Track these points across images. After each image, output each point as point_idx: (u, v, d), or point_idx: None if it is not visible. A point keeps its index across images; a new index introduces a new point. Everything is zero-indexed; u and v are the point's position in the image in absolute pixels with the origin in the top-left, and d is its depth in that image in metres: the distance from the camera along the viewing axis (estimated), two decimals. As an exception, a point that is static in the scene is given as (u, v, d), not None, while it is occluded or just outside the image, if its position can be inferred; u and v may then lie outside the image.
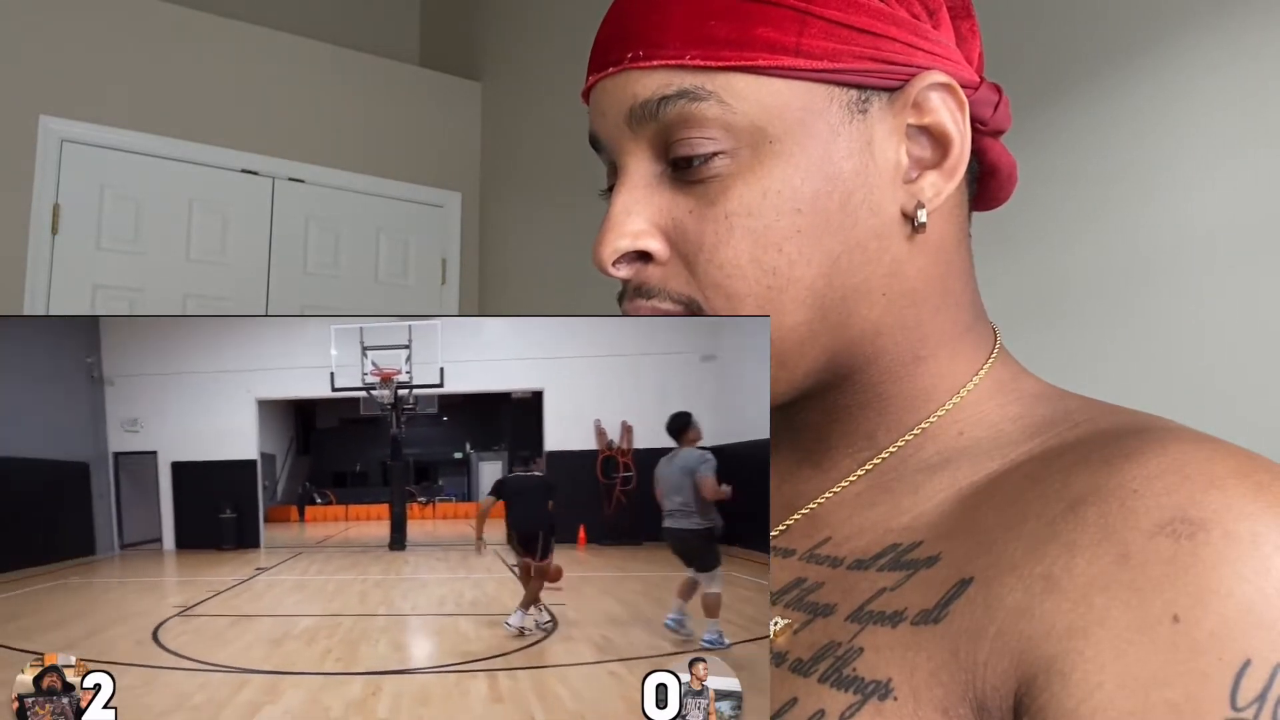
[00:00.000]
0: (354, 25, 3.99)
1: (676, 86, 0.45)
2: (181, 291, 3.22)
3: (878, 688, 0.40)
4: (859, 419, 0.51)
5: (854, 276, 0.46)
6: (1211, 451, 0.38)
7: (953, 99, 0.46)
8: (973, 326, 0.51)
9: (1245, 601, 0.33)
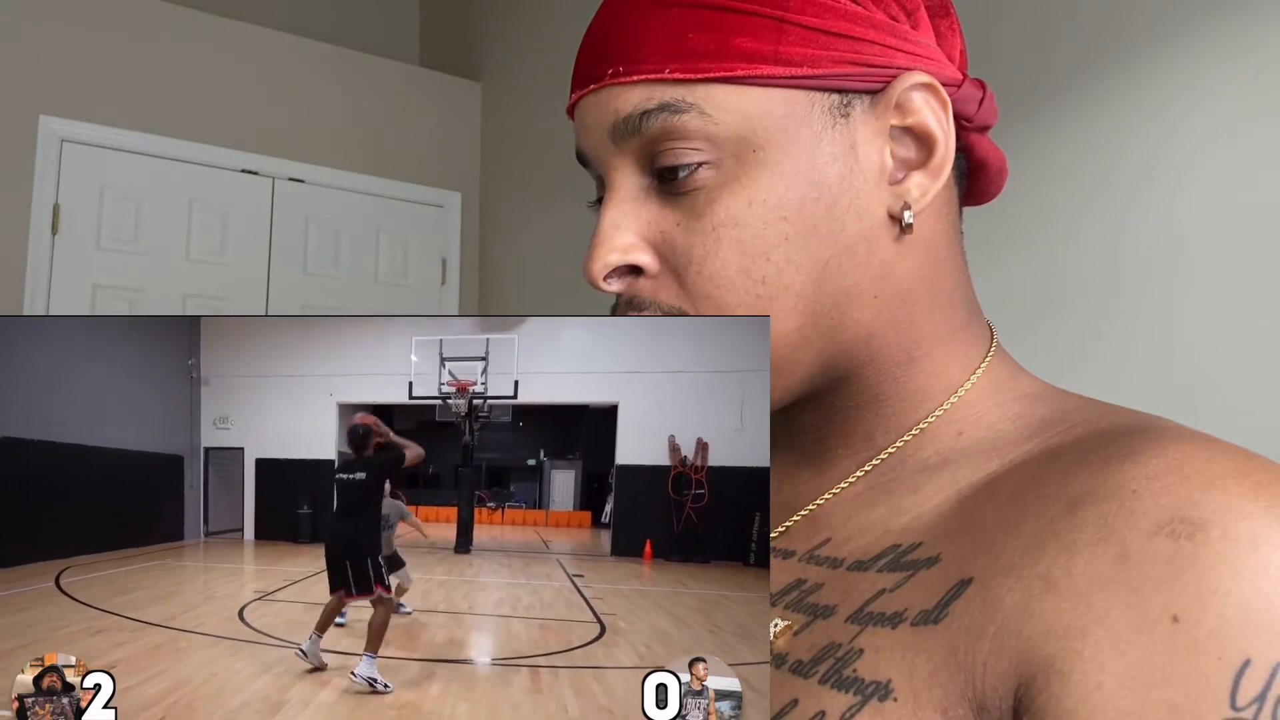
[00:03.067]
0: (354, 25, 3.99)
1: (658, 100, 0.45)
2: (181, 291, 3.22)
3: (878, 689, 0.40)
4: (857, 420, 0.51)
5: (844, 281, 0.46)
6: (1210, 452, 0.38)
7: (935, 98, 0.46)
8: (968, 325, 0.51)
9: (1244, 601, 0.33)
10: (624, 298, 0.49)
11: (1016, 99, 1.70)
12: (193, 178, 3.25)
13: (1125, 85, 1.60)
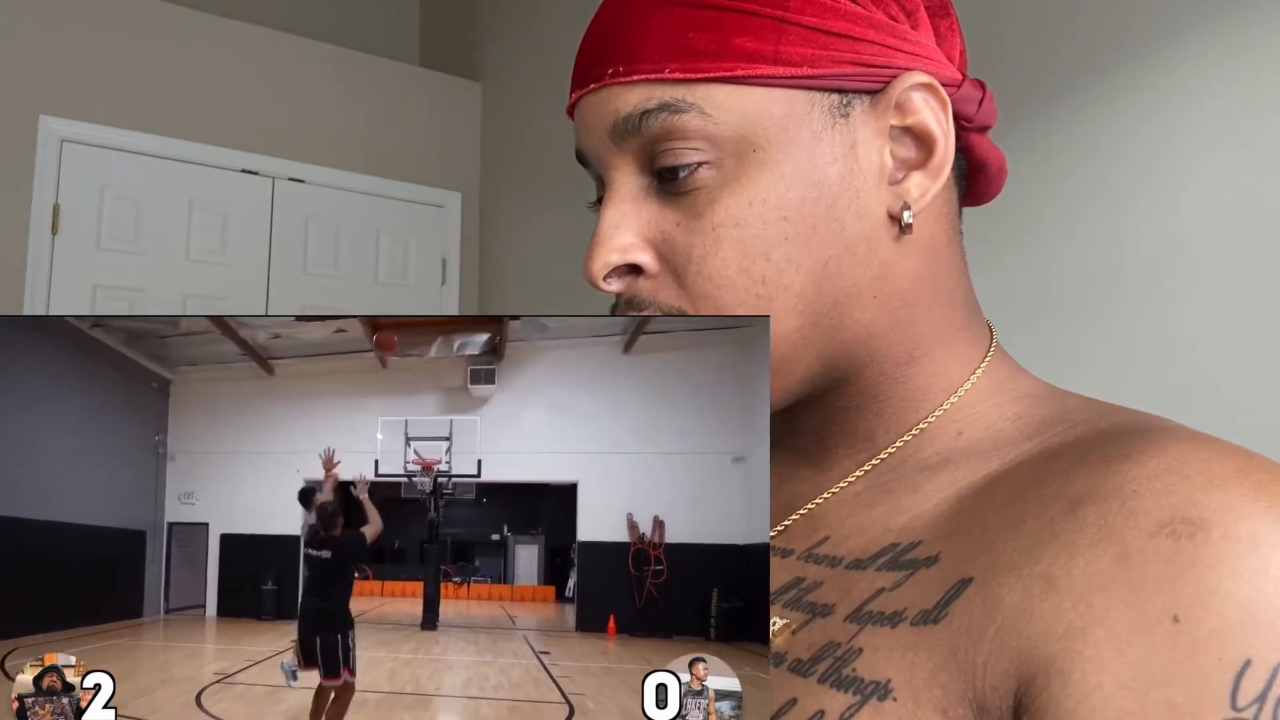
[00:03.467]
0: (354, 25, 3.99)
1: (658, 100, 0.45)
2: (181, 291, 3.22)
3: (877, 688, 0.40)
4: (857, 420, 0.51)
5: (844, 281, 0.46)
6: (1211, 451, 0.38)
7: (935, 98, 0.46)
8: (968, 325, 0.51)
9: (1245, 601, 0.33)
10: (624, 297, 0.49)
11: (1016, 99, 1.70)
12: (193, 178, 3.25)
13: (1125, 85, 1.60)
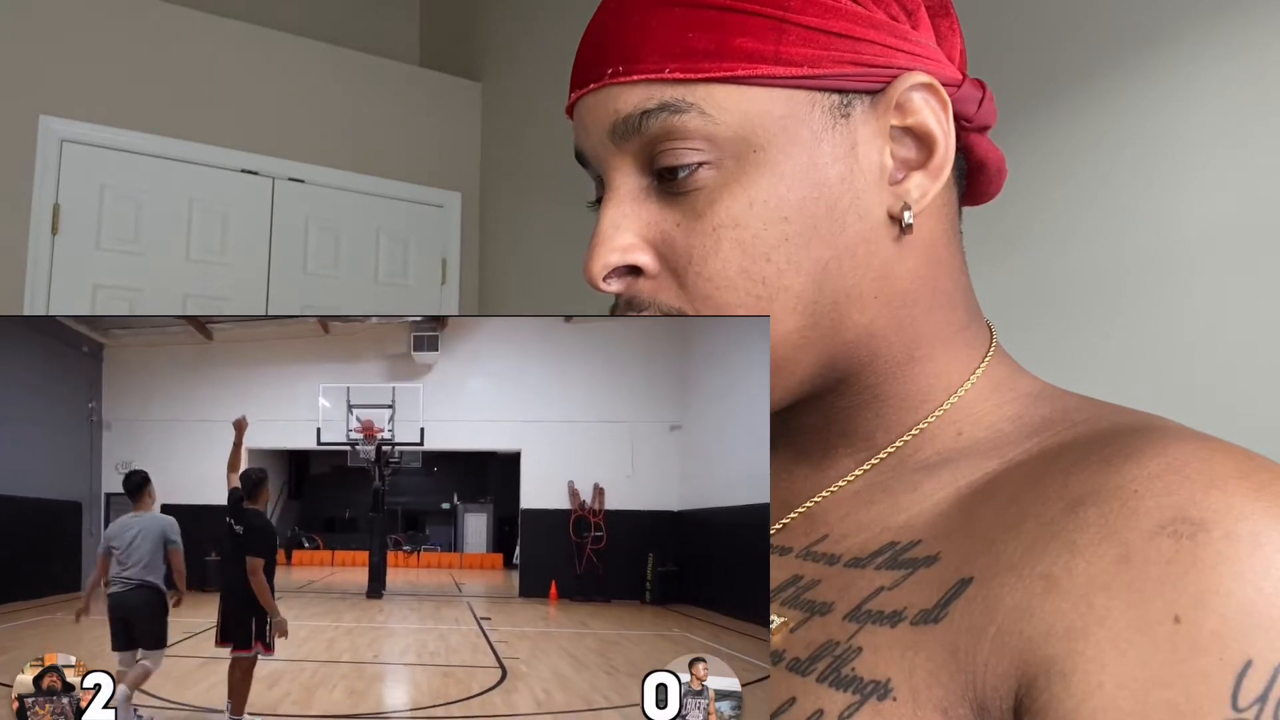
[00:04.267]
0: (354, 25, 3.99)
1: (658, 100, 0.45)
2: (182, 291, 3.22)
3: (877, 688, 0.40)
4: (857, 420, 0.51)
5: (844, 281, 0.46)
6: (1211, 452, 0.38)
7: (935, 99, 0.46)
8: (968, 325, 0.51)
9: (1246, 602, 0.33)
10: (624, 298, 0.49)
11: (1017, 99, 1.70)
12: (193, 178, 3.25)
13: (1125, 85, 1.60)
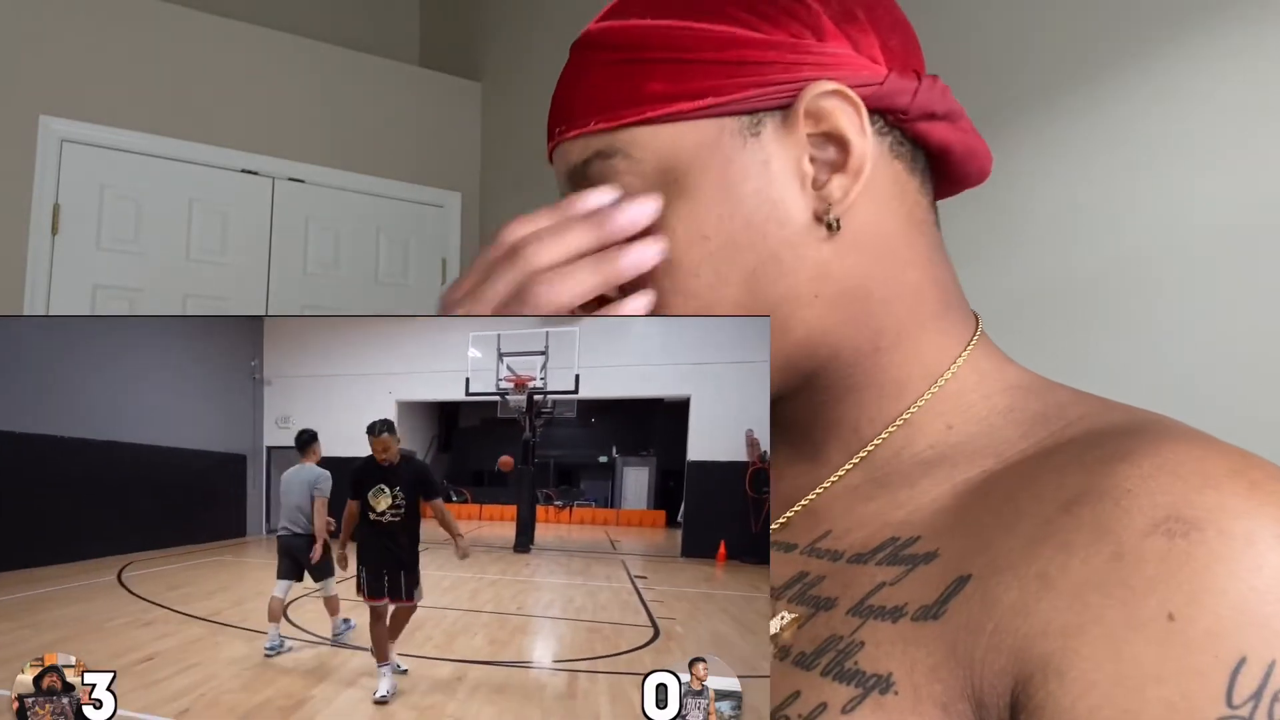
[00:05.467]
0: (354, 25, 3.99)
1: (593, 149, 0.51)
2: (182, 291, 3.22)
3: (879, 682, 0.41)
4: (838, 412, 0.52)
5: (776, 286, 0.49)
6: (1205, 450, 0.38)
7: (845, 102, 0.48)
8: (941, 315, 0.52)
9: (1239, 599, 0.34)
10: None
11: (1016, 99, 1.70)
12: (193, 178, 3.25)
13: (1124, 85, 1.60)
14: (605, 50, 0.51)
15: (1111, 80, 1.62)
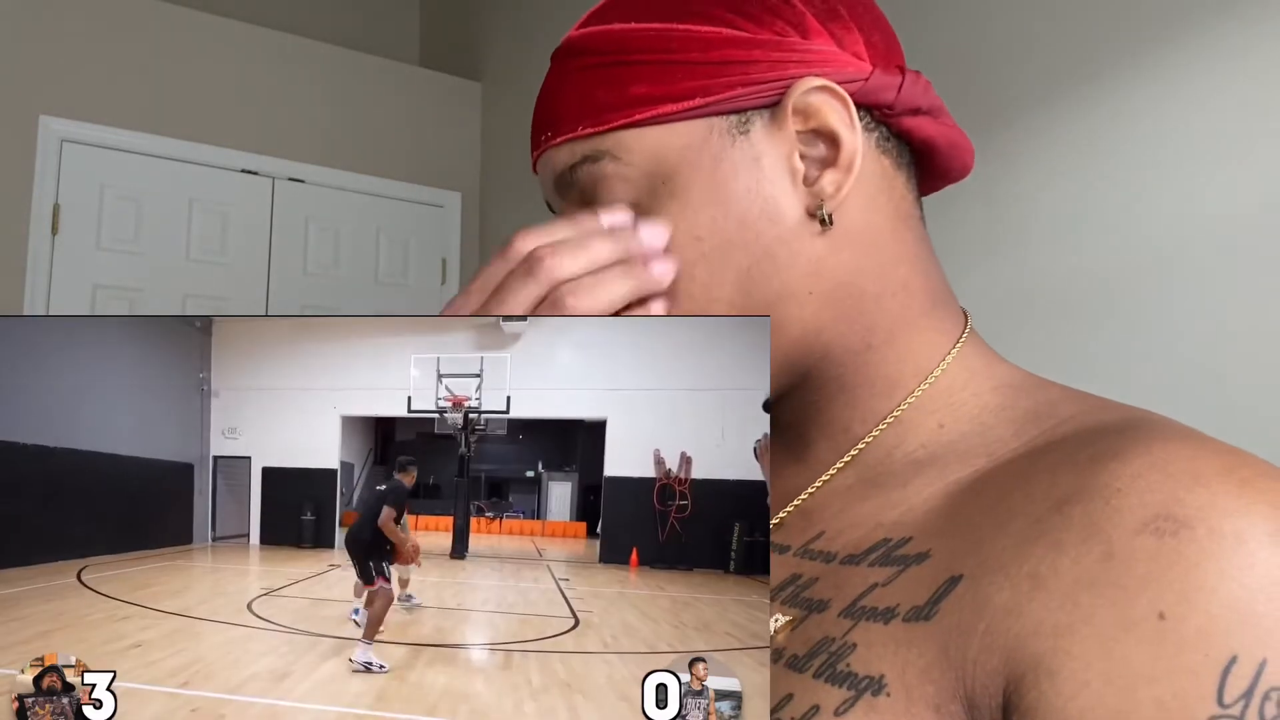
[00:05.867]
0: (354, 25, 3.99)
1: (580, 154, 0.51)
2: (182, 291, 3.22)
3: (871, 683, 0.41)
4: (829, 411, 0.52)
5: (772, 283, 0.49)
6: (1195, 448, 0.38)
7: (832, 98, 0.48)
8: (930, 312, 0.52)
9: (1230, 598, 0.34)
10: None
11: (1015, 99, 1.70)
12: (193, 178, 3.25)
13: (1123, 86, 1.60)
14: (588, 55, 0.51)
15: (1113, 80, 1.62)
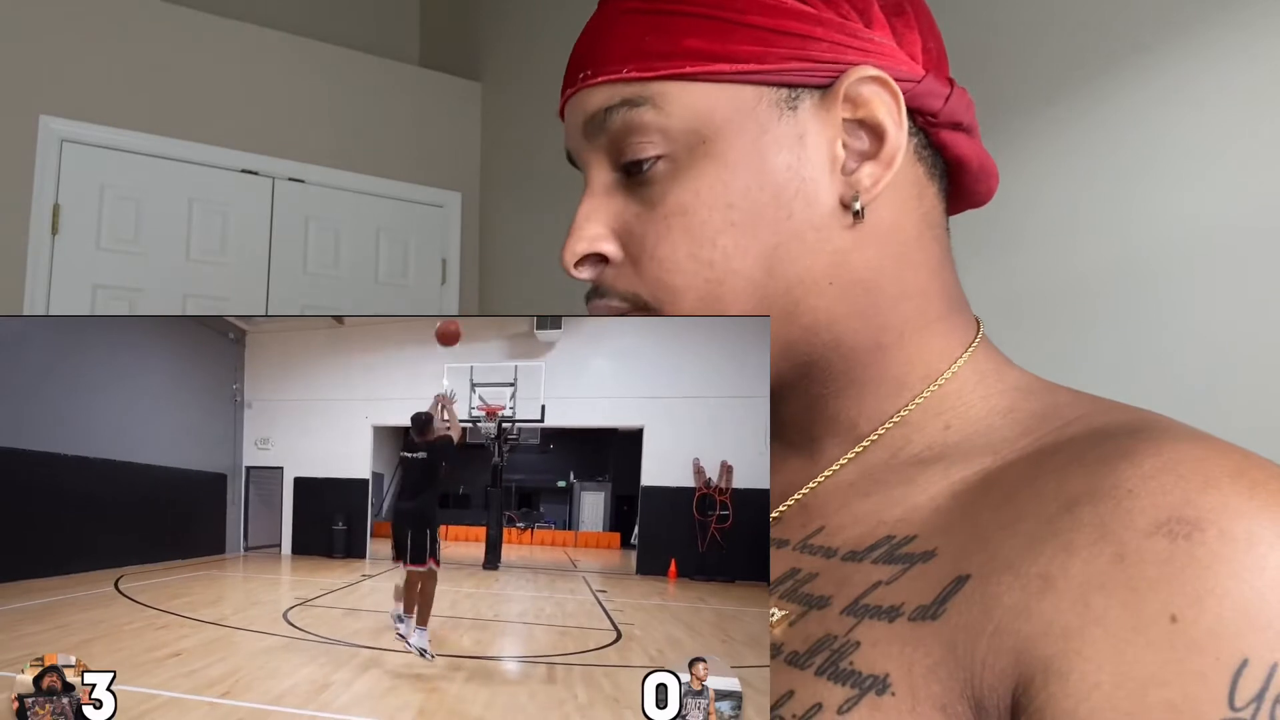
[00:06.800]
0: (354, 25, 3.99)
1: (619, 97, 0.49)
2: (181, 291, 3.22)
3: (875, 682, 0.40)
4: (836, 407, 0.52)
5: (795, 266, 0.48)
6: (1206, 450, 0.38)
7: (885, 91, 0.48)
8: (945, 317, 0.52)
9: (1241, 601, 0.33)
10: (593, 285, 0.52)
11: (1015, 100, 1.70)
12: (193, 178, 3.25)
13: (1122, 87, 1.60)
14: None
15: (1112, 82, 1.62)
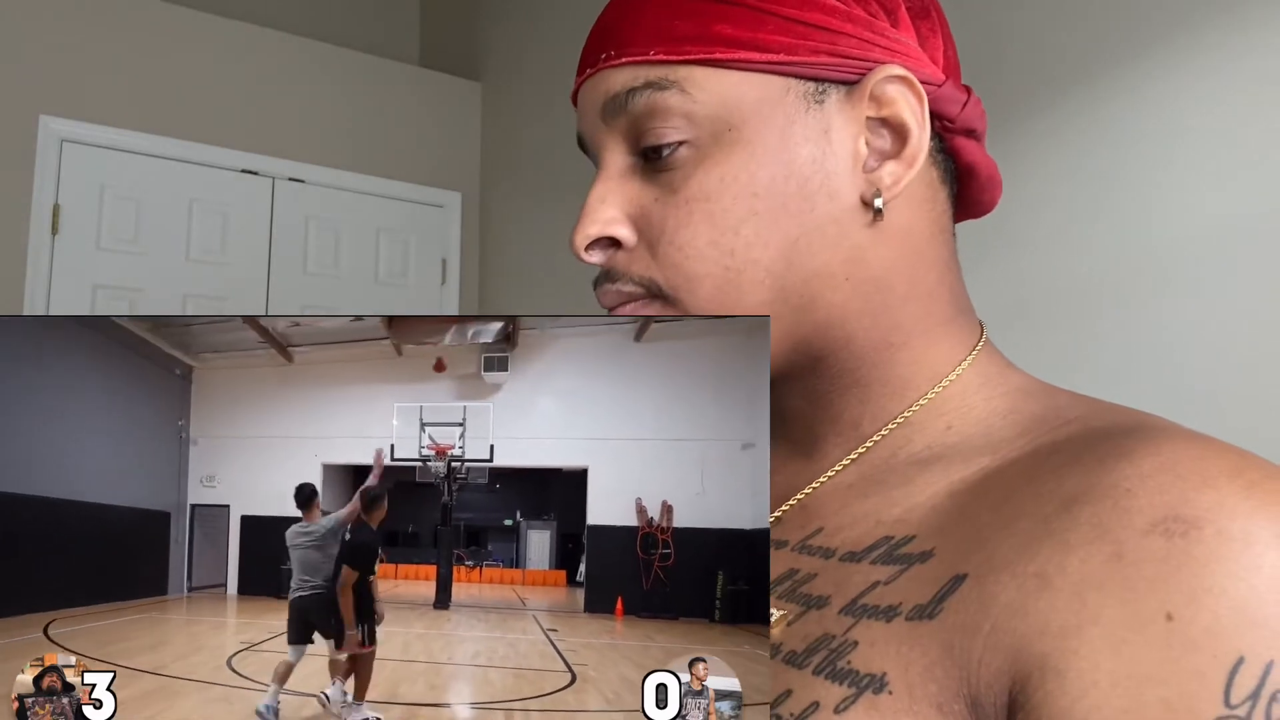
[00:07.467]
0: (354, 25, 3.99)
1: (643, 79, 0.48)
2: (181, 291, 3.22)
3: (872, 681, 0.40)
4: (841, 406, 0.52)
5: (813, 260, 0.48)
6: (1204, 450, 0.38)
7: (910, 91, 0.48)
8: (953, 319, 0.52)
9: (1238, 599, 0.33)
10: (603, 269, 0.52)
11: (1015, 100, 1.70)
12: (193, 178, 3.25)
13: (1123, 87, 1.60)
14: None
15: (1113, 82, 1.62)
